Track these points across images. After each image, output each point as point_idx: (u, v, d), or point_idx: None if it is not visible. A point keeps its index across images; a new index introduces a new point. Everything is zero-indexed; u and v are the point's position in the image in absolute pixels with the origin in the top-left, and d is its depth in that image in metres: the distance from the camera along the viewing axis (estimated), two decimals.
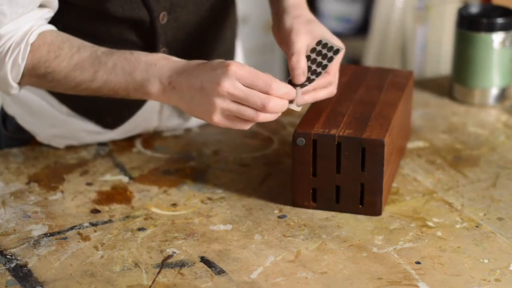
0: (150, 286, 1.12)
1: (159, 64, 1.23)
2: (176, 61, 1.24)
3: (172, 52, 1.41)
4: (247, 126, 1.22)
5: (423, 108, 1.61)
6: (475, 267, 1.16)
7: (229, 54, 1.57)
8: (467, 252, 1.19)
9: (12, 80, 1.28)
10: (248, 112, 1.20)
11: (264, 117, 1.21)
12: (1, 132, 1.54)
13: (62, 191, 1.34)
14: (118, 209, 1.29)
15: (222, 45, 1.52)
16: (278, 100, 1.20)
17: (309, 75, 1.28)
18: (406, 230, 1.24)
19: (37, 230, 1.24)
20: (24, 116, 1.48)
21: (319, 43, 1.29)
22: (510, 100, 1.65)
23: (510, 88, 1.65)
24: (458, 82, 1.65)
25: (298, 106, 1.27)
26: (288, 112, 1.58)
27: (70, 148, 1.46)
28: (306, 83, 1.28)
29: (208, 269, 1.16)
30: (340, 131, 1.25)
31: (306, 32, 1.29)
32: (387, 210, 1.29)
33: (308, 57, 1.29)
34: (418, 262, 1.17)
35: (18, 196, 1.33)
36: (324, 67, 1.28)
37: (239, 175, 1.38)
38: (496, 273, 1.15)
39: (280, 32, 1.33)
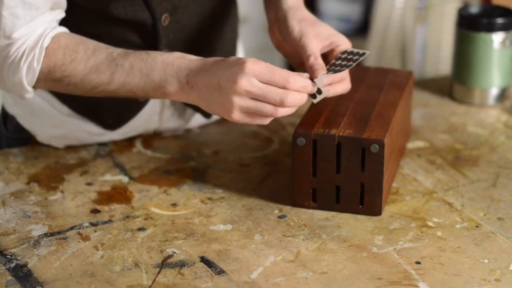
0: (150, 286, 1.12)
1: (176, 64, 1.24)
2: (192, 60, 1.24)
3: None
4: (266, 121, 1.23)
5: (423, 108, 1.61)
6: (475, 267, 1.16)
7: (231, 55, 1.56)
8: (467, 252, 1.19)
9: (27, 84, 1.27)
10: (267, 108, 1.21)
11: (283, 112, 1.21)
12: (2, 132, 1.54)
13: (62, 191, 1.34)
14: (118, 209, 1.29)
15: (223, 46, 1.52)
16: (297, 94, 1.21)
17: (332, 72, 1.29)
18: (406, 230, 1.24)
19: (37, 230, 1.24)
20: (24, 116, 1.48)
21: (344, 52, 1.32)
22: (510, 100, 1.65)
23: (510, 88, 1.65)
24: (458, 82, 1.65)
25: (315, 99, 1.27)
26: None
27: (70, 148, 1.46)
28: (329, 73, 1.28)
29: (208, 269, 1.16)
30: (340, 131, 1.25)
31: (315, 36, 1.32)
32: (387, 210, 1.29)
33: (332, 64, 1.30)
34: (418, 262, 1.17)
35: (18, 196, 1.33)
36: (349, 66, 1.29)
37: (239, 175, 1.38)
38: (496, 273, 1.15)
39: (289, 39, 1.34)
